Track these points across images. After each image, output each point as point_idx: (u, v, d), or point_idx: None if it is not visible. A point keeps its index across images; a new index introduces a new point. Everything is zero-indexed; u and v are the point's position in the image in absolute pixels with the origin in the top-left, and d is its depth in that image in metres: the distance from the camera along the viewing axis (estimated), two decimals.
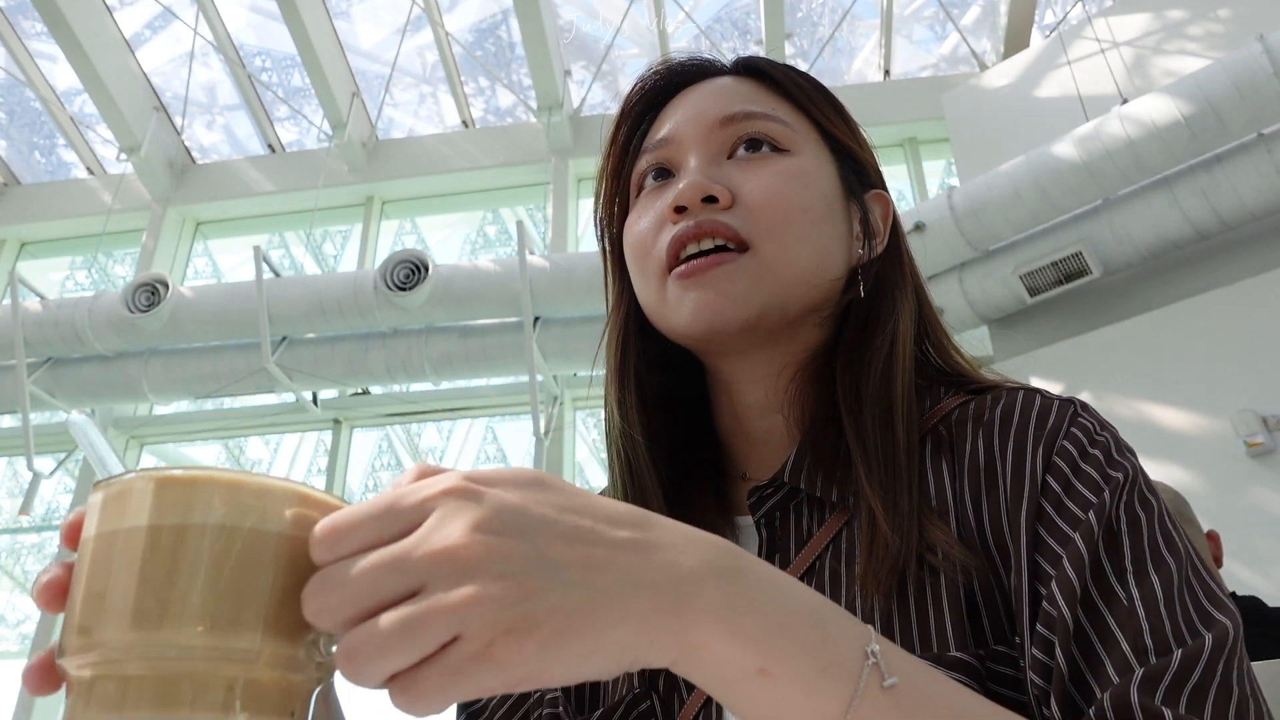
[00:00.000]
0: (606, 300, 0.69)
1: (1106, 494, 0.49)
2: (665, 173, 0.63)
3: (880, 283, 0.63)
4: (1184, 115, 3.15)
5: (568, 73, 5.27)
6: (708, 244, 0.57)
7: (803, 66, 5.35)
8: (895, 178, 5.13)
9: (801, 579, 0.54)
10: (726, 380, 0.64)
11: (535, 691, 0.62)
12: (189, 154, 5.75)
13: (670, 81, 0.67)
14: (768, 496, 0.59)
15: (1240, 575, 2.75)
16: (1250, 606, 1.76)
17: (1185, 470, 3.01)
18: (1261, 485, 2.89)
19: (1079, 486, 0.49)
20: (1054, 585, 0.46)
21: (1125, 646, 0.44)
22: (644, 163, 0.64)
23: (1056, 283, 3.56)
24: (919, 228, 3.63)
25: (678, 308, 0.58)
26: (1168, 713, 0.41)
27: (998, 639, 0.49)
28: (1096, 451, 0.51)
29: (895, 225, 0.67)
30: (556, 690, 0.60)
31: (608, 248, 0.69)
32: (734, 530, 0.62)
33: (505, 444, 5.52)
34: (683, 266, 0.57)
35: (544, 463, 4.17)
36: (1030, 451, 0.52)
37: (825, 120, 0.64)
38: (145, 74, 5.43)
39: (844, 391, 0.58)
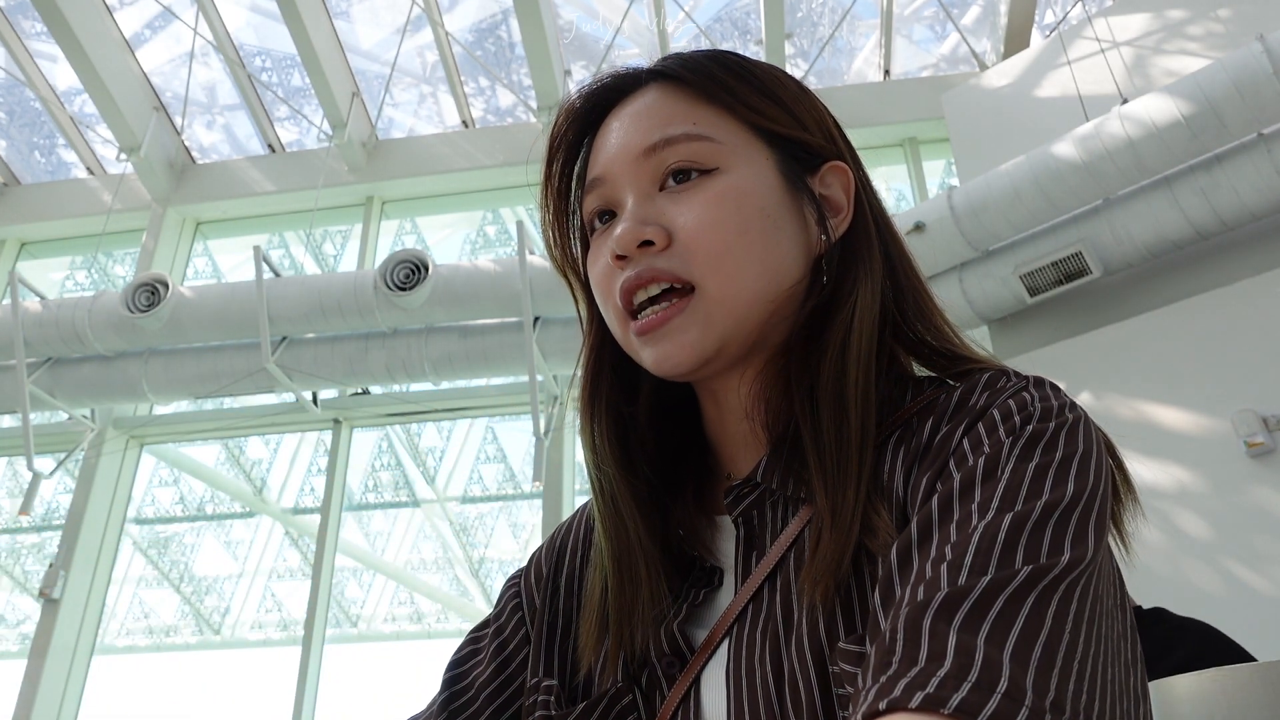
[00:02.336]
0: (582, 328, 0.70)
1: (1000, 438, 0.48)
2: (608, 212, 0.62)
3: (841, 266, 0.61)
4: (1184, 115, 3.15)
5: (568, 73, 5.27)
6: (655, 289, 0.58)
7: (803, 66, 5.36)
8: (895, 178, 5.13)
9: (772, 573, 0.55)
10: (710, 389, 0.64)
11: (526, 679, 0.65)
12: (189, 154, 5.75)
13: (595, 103, 0.65)
14: (744, 495, 0.59)
15: (1240, 575, 2.75)
16: (1155, 615, 1.78)
17: (1185, 470, 3.01)
18: (1261, 485, 2.89)
19: (984, 442, 0.49)
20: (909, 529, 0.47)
21: (931, 572, 0.43)
22: (588, 205, 0.63)
23: (1056, 283, 3.56)
24: (919, 228, 3.63)
25: (643, 357, 0.59)
26: (955, 638, 0.39)
27: None
28: (1018, 418, 0.49)
29: (859, 193, 0.64)
30: (552, 679, 0.62)
31: (571, 279, 0.69)
32: (714, 528, 0.63)
33: (505, 444, 5.52)
34: (638, 322, 0.58)
35: (544, 462, 4.17)
36: (950, 435, 0.51)
37: (753, 114, 0.61)
38: (145, 74, 5.43)
39: (798, 392, 0.58)
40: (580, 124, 0.66)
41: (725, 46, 5.43)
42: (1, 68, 5.44)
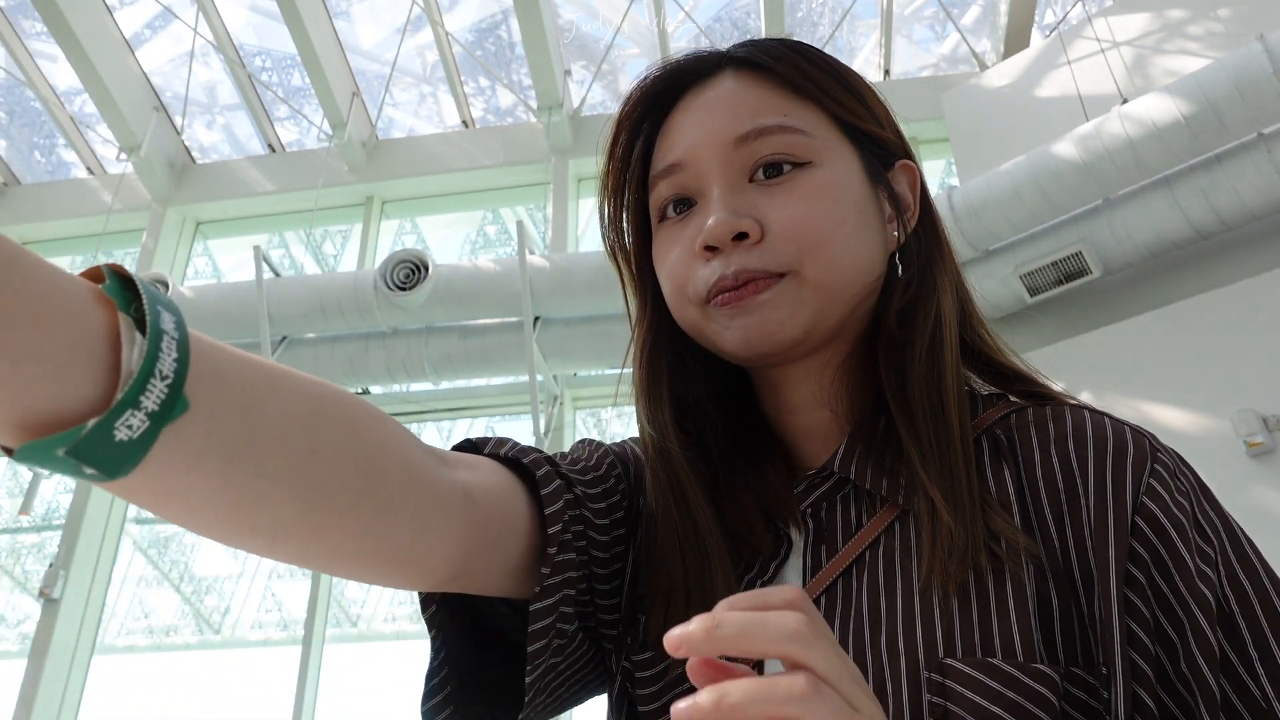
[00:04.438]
0: (629, 315, 0.67)
1: (1214, 557, 0.49)
2: (685, 200, 0.60)
3: (918, 261, 0.61)
4: (1184, 115, 3.15)
5: (568, 72, 5.27)
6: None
7: None
8: None
9: (849, 569, 0.54)
10: (772, 381, 0.63)
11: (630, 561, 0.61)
12: (189, 154, 5.75)
13: (668, 85, 0.63)
14: (816, 485, 0.58)
15: None
16: None
17: None
18: (1261, 485, 2.89)
19: (1174, 538, 0.49)
20: (1190, 643, 0.46)
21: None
22: (661, 190, 0.61)
23: (1056, 283, 3.56)
24: None
25: (723, 333, 0.57)
26: None
27: (1070, 660, 0.48)
28: (1183, 500, 0.51)
29: (924, 194, 0.65)
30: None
31: (621, 264, 0.67)
32: (795, 515, 0.60)
33: None
34: (722, 296, 0.56)
35: None
36: (1113, 482, 0.51)
37: (838, 108, 0.61)
38: (145, 74, 5.43)
39: (889, 379, 0.57)
40: (649, 105, 0.63)
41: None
42: (1, 68, 5.44)
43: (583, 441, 0.67)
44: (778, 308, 0.56)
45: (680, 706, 0.33)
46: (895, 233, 0.62)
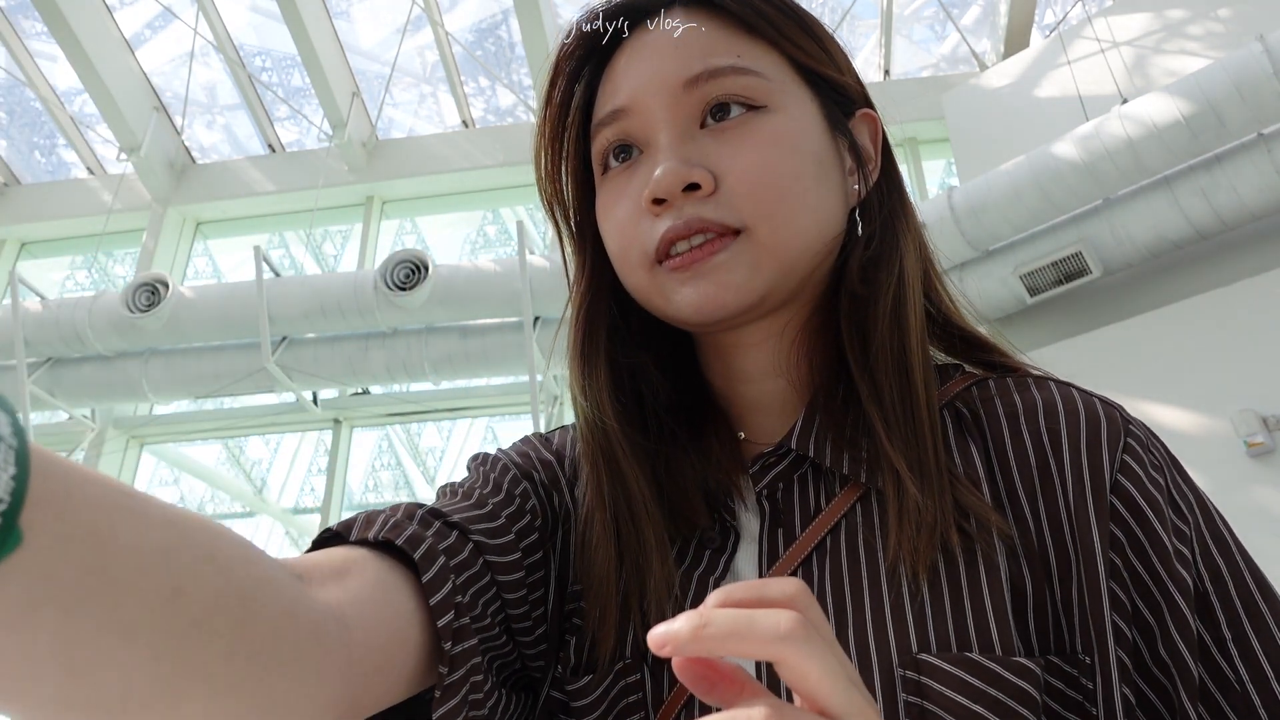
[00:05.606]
0: (567, 273, 0.62)
1: (1190, 536, 0.48)
2: (628, 148, 0.55)
3: (879, 216, 0.57)
4: (1184, 115, 3.15)
5: None
6: (698, 239, 0.51)
7: None
8: None
9: (809, 557, 0.50)
10: (723, 347, 0.58)
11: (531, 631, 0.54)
12: (189, 154, 5.75)
13: (609, 24, 0.57)
14: (772, 464, 0.54)
15: None
16: None
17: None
18: (1261, 485, 2.89)
19: (1151, 518, 0.47)
20: (1169, 627, 0.45)
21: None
22: (603, 138, 0.56)
23: (1056, 283, 3.56)
24: None
25: (673, 298, 0.53)
26: None
27: (1045, 649, 0.46)
28: (1158, 475, 0.49)
29: (885, 146, 0.60)
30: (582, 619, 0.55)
31: (560, 219, 0.61)
32: (741, 493, 0.56)
33: (505, 444, 5.51)
34: (675, 259, 0.52)
35: None
36: (1088, 459, 0.48)
37: (797, 51, 0.55)
38: (145, 74, 5.43)
39: (850, 341, 0.53)
40: (591, 45, 0.58)
41: None
42: (2, 68, 5.44)
43: (476, 459, 0.60)
44: (732, 271, 0.51)
45: (658, 631, 0.30)
46: (856, 186, 0.57)
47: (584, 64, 0.58)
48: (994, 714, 0.42)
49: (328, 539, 0.47)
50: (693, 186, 0.51)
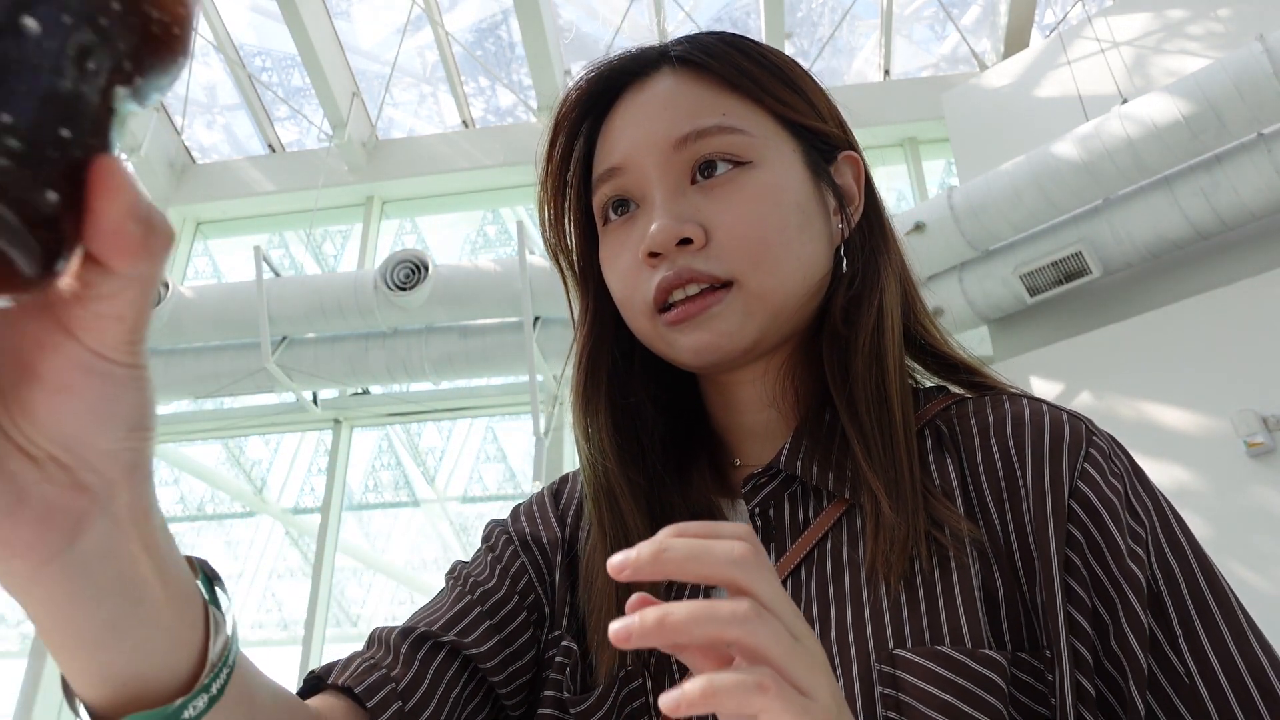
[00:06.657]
0: (572, 318, 0.67)
1: (1145, 538, 0.50)
2: (626, 203, 0.60)
3: (862, 254, 0.61)
4: (1184, 115, 3.15)
5: (568, 73, 5.27)
6: (692, 289, 0.56)
7: (803, 66, 5.35)
8: (895, 178, 5.13)
9: (799, 567, 0.54)
10: (721, 383, 0.63)
11: (540, 653, 0.61)
12: (189, 154, 5.75)
13: (606, 85, 0.62)
14: (762, 485, 0.58)
15: (1240, 575, 2.75)
16: None
17: (1185, 470, 3.01)
18: (1261, 485, 2.89)
19: (1106, 520, 0.50)
20: (1121, 622, 0.47)
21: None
22: (602, 193, 0.61)
23: (1056, 283, 3.56)
24: (919, 228, 3.63)
25: (675, 345, 0.58)
26: None
27: (1016, 645, 0.49)
28: (1117, 482, 0.52)
29: (868, 184, 0.64)
30: (567, 658, 0.59)
31: (564, 266, 0.67)
32: (724, 517, 0.61)
33: (505, 444, 5.53)
34: (671, 313, 0.56)
35: (544, 462, 4.17)
36: (1050, 467, 0.51)
37: (778, 105, 0.60)
38: None
39: (832, 372, 0.58)
40: (588, 106, 0.63)
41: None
42: None
43: (487, 530, 0.68)
44: (727, 320, 0.56)
45: (616, 558, 0.34)
46: (840, 225, 0.62)
47: (581, 121, 0.63)
48: (961, 701, 0.45)
49: (311, 682, 0.55)
50: (685, 241, 0.56)
